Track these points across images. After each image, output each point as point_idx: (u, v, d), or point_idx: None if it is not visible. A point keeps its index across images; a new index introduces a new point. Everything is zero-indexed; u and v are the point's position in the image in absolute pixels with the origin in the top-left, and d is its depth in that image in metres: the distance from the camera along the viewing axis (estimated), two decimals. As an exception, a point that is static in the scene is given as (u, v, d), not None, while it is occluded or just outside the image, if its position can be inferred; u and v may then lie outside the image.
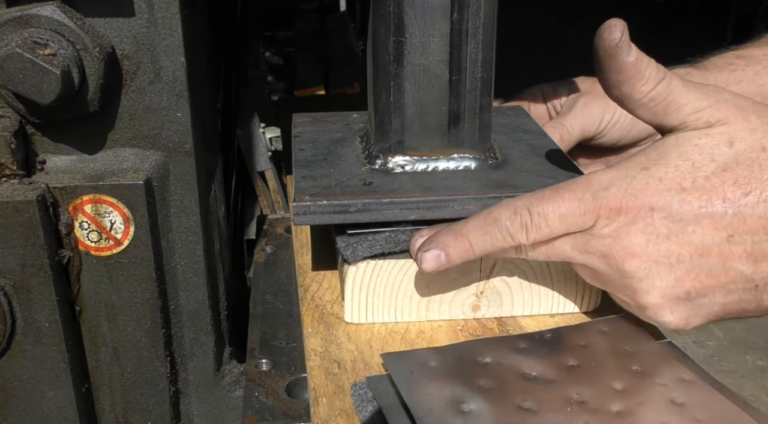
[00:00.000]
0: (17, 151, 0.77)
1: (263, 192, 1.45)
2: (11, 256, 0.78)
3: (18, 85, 0.72)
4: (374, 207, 0.78)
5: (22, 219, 0.76)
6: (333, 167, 0.86)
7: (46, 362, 0.82)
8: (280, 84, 2.02)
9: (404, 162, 0.84)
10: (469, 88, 0.82)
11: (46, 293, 0.80)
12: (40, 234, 0.77)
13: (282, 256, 1.09)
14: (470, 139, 0.85)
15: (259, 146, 1.44)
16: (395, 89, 0.82)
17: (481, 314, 0.81)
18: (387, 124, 0.83)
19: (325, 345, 0.77)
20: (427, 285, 0.78)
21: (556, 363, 0.72)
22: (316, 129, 0.98)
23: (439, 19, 0.79)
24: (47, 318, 0.81)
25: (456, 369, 0.71)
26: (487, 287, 0.80)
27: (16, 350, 0.82)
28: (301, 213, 0.78)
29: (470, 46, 0.80)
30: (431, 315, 0.80)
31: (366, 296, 0.78)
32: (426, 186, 0.81)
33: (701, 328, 1.28)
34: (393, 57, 0.80)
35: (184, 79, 0.81)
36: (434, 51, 0.80)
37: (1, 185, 0.77)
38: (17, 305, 0.80)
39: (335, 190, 0.80)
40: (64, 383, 0.83)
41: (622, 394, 0.68)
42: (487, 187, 0.80)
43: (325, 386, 0.71)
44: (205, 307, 0.91)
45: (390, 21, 0.79)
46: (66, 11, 0.75)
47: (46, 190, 0.78)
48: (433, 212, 0.78)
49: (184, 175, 0.85)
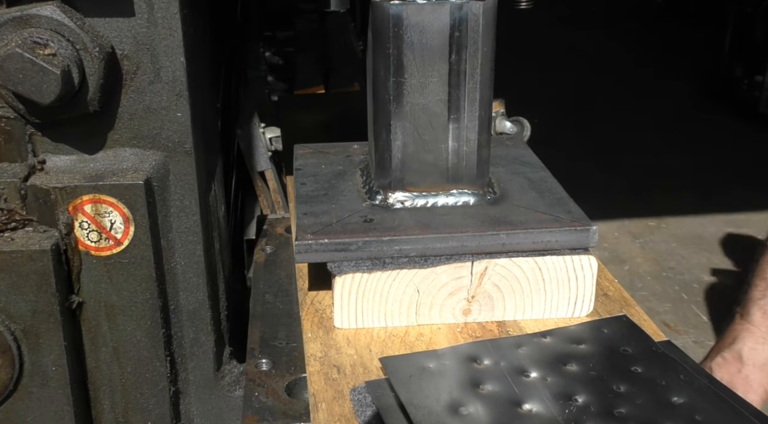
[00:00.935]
0: (26, 196, 0.78)
1: (263, 192, 1.45)
2: (22, 302, 0.79)
3: (18, 85, 0.72)
4: (374, 246, 0.79)
5: (35, 267, 0.78)
6: (334, 203, 0.87)
7: (51, 405, 0.83)
8: (280, 84, 2.02)
9: (404, 198, 0.86)
10: (467, 126, 0.84)
11: (54, 338, 0.81)
12: (52, 282, 0.79)
13: (282, 256, 1.09)
14: (469, 176, 0.86)
15: (259, 146, 1.44)
16: (395, 128, 0.83)
17: (472, 318, 0.81)
18: (387, 161, 0.85)
19: (324, 350, 0.77)
20: (416, 289, 0.79)
21: (555, 365, 0.72)
22: (317, 161, 0.99)
23: (438, 61, 0.81)
24: (54, 362, 0.82)
25: (454, 372, 0.71)
26: (478, 291, 0.80)
27: (23, 392, 0.83)
28: (303, 251, 0.79)
29: (468, 86, 0.82)
30: (421, 319, 0.80)
31: (356, 300, 0.79)
32: (425, 223, 0.82)
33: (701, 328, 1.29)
34: (393, 97, 0.82)
35: (184, 79, 0.81)
36: (433, 91, 0.82)
37: (16, 233, 0.79)
38: (26, 349, 0.81)
39: (336, 228, 0.81)
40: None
41: (622, 394, 0.68)
42: (485, 223, 0.81)
43: (325, 391, 0.71)
44: (205, 307, 0.91)
45: (390, 62, 0.80)
46: (66, 11, 0.74)
47: (59, 239, 0.79)
48: (433, 250, 0.79)
49: (184, 175, 0.85)
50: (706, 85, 4.83)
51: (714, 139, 3.96)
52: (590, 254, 0.80)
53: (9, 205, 0.78)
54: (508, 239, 0.79)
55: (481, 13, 0.79)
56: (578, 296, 0.81)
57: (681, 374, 0.71)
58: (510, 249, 0.79)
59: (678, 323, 2.57)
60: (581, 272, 0.80)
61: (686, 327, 2.56)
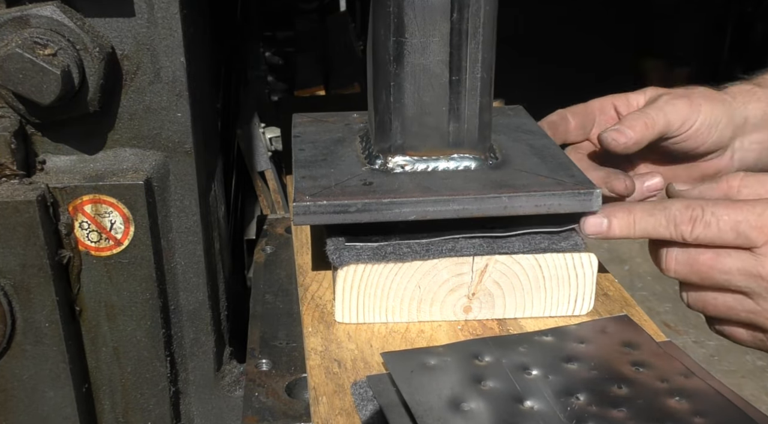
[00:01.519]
0: (17, 151, 0.77)
1: (263, 192, 1.45)
2: (11, 256, 0.78)
3: (18, 85, 0.72)
4: (374, 207, 0.78)
5: (22, 219, 0.76)
6: (333, 167, 0.86)
7: (45, 362, 0.82)
8: (280, 84, 2.02)
9: (404, 162, 0.85)
10: (469, 88, 0.82)
11: (46, 293, 0.80)
12: (40, 234, 0.77)
13: (282, 256, 1.09)
14: (470, 139, 0.85)
15: (259, 146, 1.44)
16: (395, 89, 0.82)
17: (473, 315, 0.81)
18: (387, 125, 0.83)
19: (325, 344, 0.77)
20: (418, 285, 0.79)
21: (556, 363, 0.72)
22: (316, 129, 0.98)
23: (439, 19, 0.79)
24: (47, 318, 0.81)
25: (456, 368, 0.71)
26: (479, 288, 0.80)
27: (16, 350, 0.82)
28: (301, 213, 0.78)
29: (470, 46, 0.81)
30: (422, 316, 0.80)
31: (357, 295, 0.78)
32: (426, 186, 0.81)
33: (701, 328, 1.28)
34: (393, 57, 0.81)
35: (184, 79, 0.81)
36: (434, 51, 0.80)
37: (1, 186, 0.77)
38: (17, 305, 0.80)
39: (335, 190, 0.80)
40: (64, 382, 0.83)
41: (623, 393, 0.68)
42: (487, 187, 0.80)
43: (326, 385, 0.71)
44: (205, 307, 0.91)
45: (390, 21, 0.79)
46: (66, 11, 0.75)
47: (46, 191, 0.78)
48: (433, 213, 0.78)
49: (184, 175, 0.85)
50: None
51: (714, 139, 3.95)
52: (590, 252, 0.80)
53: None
54: (510, 202, 0.78)
55: None
56: (578, 294, 0.81)
57: (683, 375, 0.71)
58: (512, 212, 0.78)
59: (678, 323, 2.57)
60: (581, 269, 0.80)
61: (686, 327, 2.56)
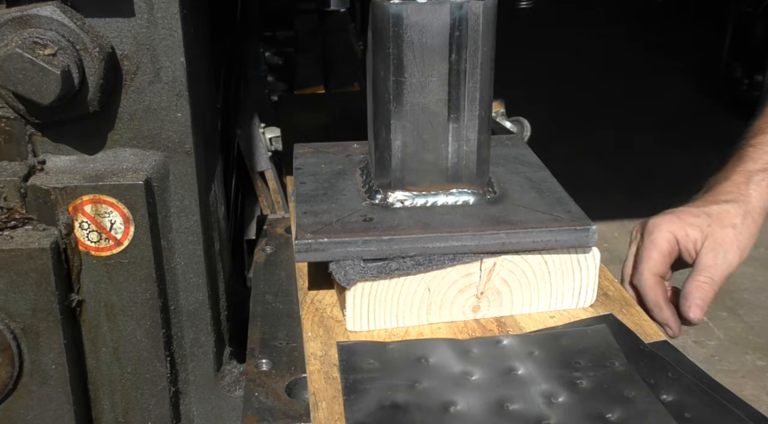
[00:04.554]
0: (26, 195, 0.78)
1: (263, 192, 1.45)
2: (22, 300, 0.79)
3: (18, 85, 0.72)
4: (374, 245, 0.78)
5: (35, 266, 0.77)
6: (334, 202, 0.86)
7: (50, 403, 0.83)
8: (280, 84, 2.02)
9: (404, 197, 0.85)
10: (467, 125, 0.84)
11: (54, 337, 0.81)
12: (51, 280, 0.78)
13: (282, 256, 1.09)
14: (468, 175, 0.86)
15: (259, 146, 1.44)
16: (395, 127, 0.83)
17: (481, 314, 0.81)
18: (386, 161, 0.84)
19: (324, 349, 0.77)
20: (428, 288, 0.79)
21: (499, 369, 0.72)
22: (317, 161, 0.98)
23: (438, 60, 0.80)
24: (54, 361, 0.82)
25: (399, 366, 0.72)
26: (487, 287, 0.80)
27: (22, 391, 0.82)
28: (303, 250, 0.79)
29: (468, 86, 0.82)
30: (432, 318, 0.80)
31: (368, 305, 0.79)
32: (425, 222, 0.81)
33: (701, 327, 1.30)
34: (392, 96, 0.82)
35: (184, 79, 0.81)
36: (433, 90, 0.82)
37: (15, 232, 0.78)
38: (26, 348, 0.81)
39: (336, 227, 0.80)
40: (68, 423, 0.84)
41: (554, 404, 0.68)
42: (485, 223, 0.81)
43: (325, 390, 0.71)
44: (205, 307, 0.91)
45: (390, 61, 0.80)
46: (66, 11, 0.74)
47: (59, 237, 0.79)
48: (433, 249, 0.79)
49: (184, 175, 0.85)
50: (707, 85, 4.83)
51: (714, 138, 3.96)
52: (593, 246, 0.81)
53: (9, 203, 0.78)
54: (508, 239, 0.79)
55: (481, 13, 0.79)
56: (582, 287, 0.82)
57: (669, 372, 0.71)
58: (510, 249, 0.79)
59: (678, 323, 2.57)
60: (585, 263, 0.81)
61: (686, 326, 2.56)
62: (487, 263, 0.79)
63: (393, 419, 0.65)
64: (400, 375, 0.71)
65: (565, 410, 0.67)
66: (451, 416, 0.66)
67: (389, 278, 0.77)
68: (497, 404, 0.67)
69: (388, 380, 0.70)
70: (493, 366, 0.72)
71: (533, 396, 0.68)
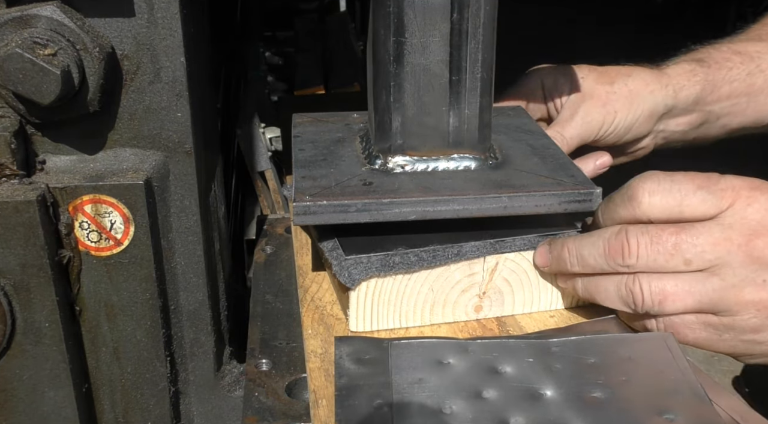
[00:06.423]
0: (17, 151, 0.77)
1: (263, 192, 1.45)
2: (11, 256, 0.78)
3: (18, 85, 0.72)
4: (374, 207, 0.78)
5: (22, 219, 0.76)
6: (333, 167, 0.86)
7: (45, 362, 0.82)
8: (280, 84, 2.03)
9: (404, 162, 0.84)
10: (469, 88, 0.82)
11: (46, 293, 0.80)
12: (40, 234, 0.77)
13: (282, 256, 1.09)
14: (470, 140, 0.85)
15: (259, 146, 1.44)
16: (395, 89, 0.82)
17: (483, 314, 0.81)
18: (387, 125, 0.83)
19: (325, 347, 0.77)
20: (431, 288, 0.78)
21: (482, 371, 0.72)
22: (316, 129, 0.98)
23: (439, 20, 0.79)
24: (47, 318, 0.80)
25: (387, 365, 0.71)
26: (489, 287, 0.80)
27: (16, 350, 0.81)
28: (301, 213, 0.78)
29: (470, 46, 0.81)
30: (435, 318, 0.80)
31: (371, 305, 0.78)
32: (426, 186, 0.81)
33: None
34: (393, 57, 0.81)
35: (184, 79, 0.81)
36: (434, 51, 0.81)
37: (1, 185, 0.77)
38: (17, 305, 0.80)
39: (335, 190, 0.80)
40: (64, 382, 0.83)
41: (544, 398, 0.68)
42: (487, 187, 0.80)
43: (325, 388, 0.71)
44: (205, 307, 0.91)
45: (390, 21, 0.79)
46: (66, 11, 0.74)
47: (46, 190, 0.78)
48: (433, 213, 0.78)
49: (184, 175, 0.85)
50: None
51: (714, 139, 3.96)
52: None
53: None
54: (510, 202, 0.78)
55: None
56: None
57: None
58: (512, 212, 0.78)
59: (678, 323, 2.56)
60: None
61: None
62: (490, 263, 0.79)
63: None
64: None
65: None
66: None
67: (393, 274, 0.77)
68: None
69: None
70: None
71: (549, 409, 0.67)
